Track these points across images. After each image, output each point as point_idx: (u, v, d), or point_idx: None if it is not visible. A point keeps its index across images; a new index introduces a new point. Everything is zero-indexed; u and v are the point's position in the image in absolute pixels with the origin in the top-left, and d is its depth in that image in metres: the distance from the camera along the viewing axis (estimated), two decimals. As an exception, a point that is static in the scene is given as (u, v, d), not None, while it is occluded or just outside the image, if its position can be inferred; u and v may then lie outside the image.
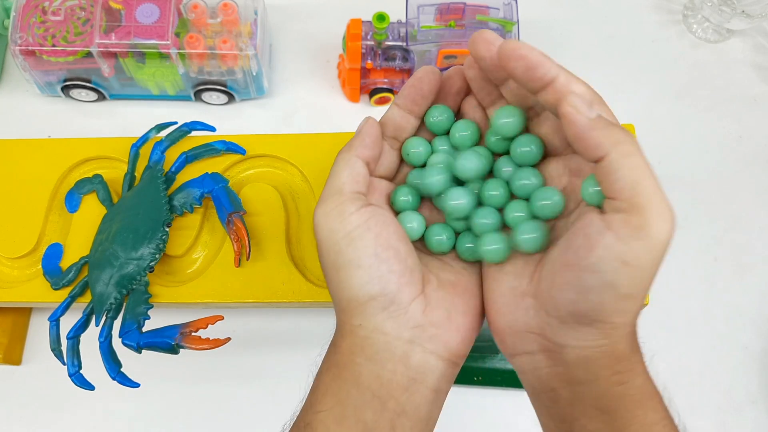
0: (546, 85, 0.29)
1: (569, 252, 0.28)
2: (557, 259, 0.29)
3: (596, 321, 0.28)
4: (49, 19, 0.59)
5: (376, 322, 0.32)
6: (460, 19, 0.62)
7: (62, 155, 0.50)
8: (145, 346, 0.42)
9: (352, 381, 0.32)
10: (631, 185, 0.26)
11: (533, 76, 0.29)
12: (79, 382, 0.45)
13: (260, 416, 0.60)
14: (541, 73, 0.29)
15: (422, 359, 0.32)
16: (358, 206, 0.32)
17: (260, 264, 0.46)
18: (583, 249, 0.27)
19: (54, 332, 0.46)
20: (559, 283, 0.29)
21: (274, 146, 0.49)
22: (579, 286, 0.28)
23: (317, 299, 0.45)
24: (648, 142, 0.44)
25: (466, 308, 0.33)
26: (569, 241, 0.28)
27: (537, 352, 0.31)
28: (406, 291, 0.32)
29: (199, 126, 0.49)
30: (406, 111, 0.35)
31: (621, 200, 0.27)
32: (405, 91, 0.35)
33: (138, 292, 0.44)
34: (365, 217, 0.32)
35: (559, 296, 0.29)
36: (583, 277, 0.27)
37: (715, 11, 0.67)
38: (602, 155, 0.27)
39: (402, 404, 0.31)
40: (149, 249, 0.44)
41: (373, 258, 0.31)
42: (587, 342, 0.29)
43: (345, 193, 0.32)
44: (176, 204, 0.46)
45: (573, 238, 0.28)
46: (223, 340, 0.41)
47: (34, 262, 0.48)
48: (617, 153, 0.27)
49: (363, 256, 0.31)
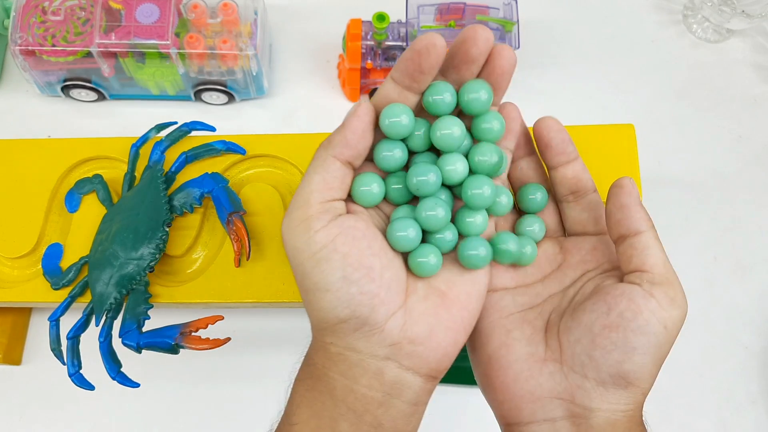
0: (571, 161, 0.34)
1: (611, 315, 0.30)
2: (595, 322, 0.31)
3: (631, 384, 0.30)
4: (49, 19, 0.59)
5: (347, 341, 0.30)
6: (460, 19, 0.62)
7: (62, 155, 0.50)
8: (145, 346, 0.42)
9: (327, 393, 0.30)
10: (662, 263, 0.31)
11: (566, 149, 0.34)
12: (79, 382, 0.45)
13: (260, 416, 0.60)
14: (571, 148, 0.34)
15: (398, 375, 0.30)
16: (325, 221, 0.29)
17: (260, 264, 0.46)
18: (629, 312, 0.30)
19: (54, 332, 0.46)
20: (602, 344, 0.30)
21: (274, 146, 0.49)
22: (626, 347, 0.30)
23: (317, 299, 0.45)
24: (648, 142, 0.45)
25: (452, 323, 0.31)
26: (608, 305, 0.31)
27: (560, 418, 0.31)
28: (381, 310, 0.30)
29: (199, 126, 0.49)
30: (403, 87, 0.31)
31: (655, 274, 0.31)
32: (402, 63, 0.30)
33: (138, 292, 0.44)
34: (333, 235, 0.29)
35: (601, 357, 0.30)
36: (630, 338, 0.30)
37: (715, 11, 0.67)
38: (640, 231, 0.31)
39: (378, 417, 0.30)
40: (149, 249, 0.44)
41: (341, 281, 0.29)
42: (619, 406, 0.31)
43: (312, 204, 0.30)
44: (176, 204, 0.46)
45: (614, 303, 0.30)
46: (223, 340, 0.41)
47: (34, 262, 0.48)
48: (651, 233, 0.31)
49: (330, 280, 0.29)
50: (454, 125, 0.31)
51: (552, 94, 0.70)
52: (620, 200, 0.32)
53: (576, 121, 0.48)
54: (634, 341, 0.30)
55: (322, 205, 0.30)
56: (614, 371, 0.30)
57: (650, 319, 0.30)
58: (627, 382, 0.30)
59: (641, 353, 0.30)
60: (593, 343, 0.30)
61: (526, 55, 0.70)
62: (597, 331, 0.30)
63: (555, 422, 0.31)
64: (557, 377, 0.31)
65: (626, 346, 0.30)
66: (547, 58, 0.71)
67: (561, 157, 0.34)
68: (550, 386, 0.31)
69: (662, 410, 0.60)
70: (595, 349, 0.30)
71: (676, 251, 0.62)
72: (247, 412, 0.59)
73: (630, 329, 0.30)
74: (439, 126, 0.31)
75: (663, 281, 0.30)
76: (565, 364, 0.31)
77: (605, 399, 0.30)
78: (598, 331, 0.30)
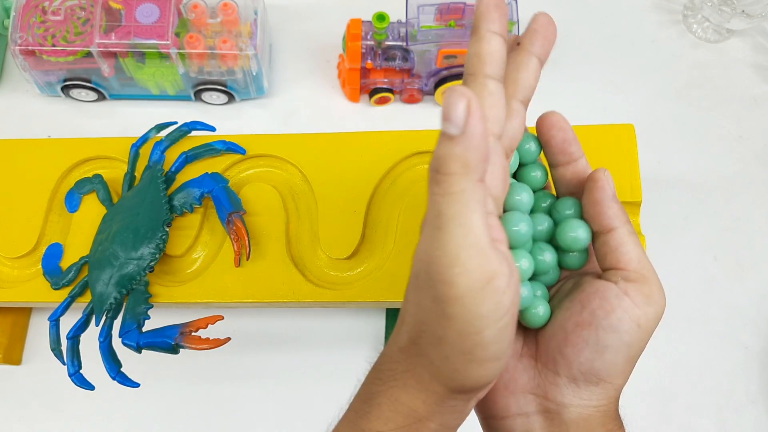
0: (572, 162, 0.33)
1: (584, 313, 0.30)
2: (568, 319, 0.30)
3: (603, 381, 0.30)
4: (49, 18, 0.59)
5: (470, 401, 0.29)
6: (460, 19, 0.62)
7: (62, 155, 0.50)
8: (145, 346, 0.42)
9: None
10: (637, 259, 0.30)
11: (567, 149, 0.32)
12: (79, 382, 0.45)
13: (260, 416, 0.60)
14: (574, 149, 0.33)
15: None
16: (506, 276, 0.25)
17: (260, 264, 0.46)
18: (601, 310, 0.30)
19: (54, 332, 0.46)
20: (574, 341, 0.30)
21: (274, 146, 0.49)
22: (597, 345, 0.30)
23: (317, 299, 0.45)
24: (648, 142, 0.45)
25: None
26: (582, 303, 0.30)
27: (534, 413, 0.31)
28: None
29: (199, 126, 0.49)
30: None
31: (630, 271, 0.30)
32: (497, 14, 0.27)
33: (138, 292, 0.44)
34: (514, 293, 0.26)
35: (573, 355, 0.30)
36: (602, 336, 0.30)
37: (715, 11, 0.67)
38: (613, 227, 0.30)
39: None
40: (149, 249, 0.44)
41: (509, 347, 0.27)
42: (591, 401, 0.31)
43: (491, 257, 0.24)
44: (176, 204, 0.46)
45: (587, 301, 0.30)
46: (223, 340, 0.41)
47: (34, 262, 0.48)
48: (625, 229, 0.30)
49: (503, 348, 0.27)
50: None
51: (552, 94, 0.70)
52: (594, 196, 0.30)
53: (576, 121, 0.47)
54: (606, 339, 0.29)
55: (497, 255, 0.25)
56: (585, 369, 0.30)
57: (623, 317, 0.29)
58: (598, 379, 0.30)
59: (613, 351, 0.30)
60: (566, 341, 0.30)
61: (526, 55, 0.70)
62: (570, 328, 0.30)
63: (528, 417, 0.31)
64: (531, 372, 0.32)
65: (598, 344, 0.30)
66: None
67: (560, 157, 0.33)
68: (524, 381, 0.32)
69: (662, 410, 0.60)
70: (567, 346, 0.30)
71: (676, 251, 0.63)
72: (247, 412, 0.59)
73: (602, 327, 0.29)
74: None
75: (638, 278, 0.30)
76: (539, 360, 0.32)
77: (577, 395, 0.31)
78: (571, 329, 0.30)
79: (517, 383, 0.32)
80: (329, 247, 0.46)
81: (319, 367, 0.61)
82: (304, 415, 0.61)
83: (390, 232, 0.46)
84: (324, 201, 0.47)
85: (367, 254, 0.46)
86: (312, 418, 0.61)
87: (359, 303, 0.45)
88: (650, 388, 0.61)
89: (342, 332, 0.63)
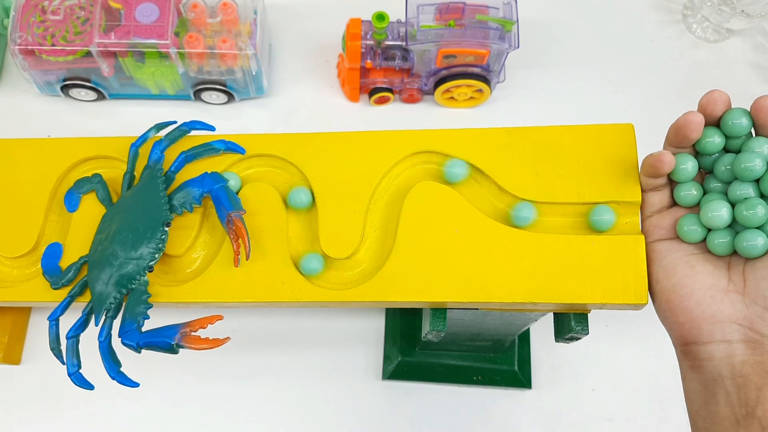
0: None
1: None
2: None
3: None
4: (48, 18, 0.59)
5: None
6: (460, 19, 0.62)
7: (62, 155, 0.50)
8: (145, 346, 0.42)
9: None
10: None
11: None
12: (78, 381, 0.45)
13: (260, 416, 0.60)
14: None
15: None
16: None
17: (260, 264, 0.46)
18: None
19: (53, 332, 0.46)
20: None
21: (274, 146, 0.49)
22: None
23: (317, 299, 0.45)
24: (648, 142, 0.44)
25: None
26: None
27: (737, 341, 0.36)
28: None
29: (198, 125, 0.49)
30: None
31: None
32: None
33: (137, 292, 0.44)
34: None
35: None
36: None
37: (715, 11, 0.67)
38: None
39: None
40: (148, 249, 0.44)
41: None
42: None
43: None
44: (176, 203, 0.46)
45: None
46: (222, 339, 0.41)
47: (33, 262, 0.48)
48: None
49: None
50: None
51: (552, 93, 0.70)
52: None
53: (575, 120, 0.48)
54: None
55: None
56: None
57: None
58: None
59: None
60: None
61: (526, 55, 0.70)
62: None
63: (731, 344, 0.36)
64: (738, 306, 0.36)
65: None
66: (546, 57, 0.71)
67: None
68: (731, 312, 0.36)
69: (662, 410, 0.60)
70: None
71: (675, 251, 0.62)
72: (247, 412, 0.59)
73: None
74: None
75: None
76: (747, 296, 0.36)
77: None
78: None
79: (723, 313, 0.36)
80: (329, 247, 0.46)
81: (319, 367, 0.62)
82: (304, 415, 0.61)
83: (390, 232, 0.46)
84: (324, 201, 0.47)
85: (367, 254, 0.46)
86: (312, 418, 0.61)
87: (359, 303, 0.45)
88: (650, 387, 0.61)
89: (342, 332, 0.63)
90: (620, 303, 0.41)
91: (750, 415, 0.34)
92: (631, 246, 0.42)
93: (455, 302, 0.43)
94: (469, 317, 0.48)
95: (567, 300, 0.42)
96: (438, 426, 0.61)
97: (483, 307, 0.44)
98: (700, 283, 0.38)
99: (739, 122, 0.39)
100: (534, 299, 0.42)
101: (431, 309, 0.46)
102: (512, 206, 0.45)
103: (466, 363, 0.63)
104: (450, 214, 0.44)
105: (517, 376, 0.62)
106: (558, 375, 0.63)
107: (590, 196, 0.44)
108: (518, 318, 0.49)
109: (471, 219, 0.44)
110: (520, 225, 0.44)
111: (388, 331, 0.64)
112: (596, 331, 0.64)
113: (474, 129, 0.46)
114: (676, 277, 0.39)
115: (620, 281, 0.41)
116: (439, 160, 0.47)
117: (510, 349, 0.63)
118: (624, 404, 0.62)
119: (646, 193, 0.42)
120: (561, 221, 0.45)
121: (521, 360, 0.63)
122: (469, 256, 0.43)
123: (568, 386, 0.62)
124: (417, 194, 0.45)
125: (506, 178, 0.45)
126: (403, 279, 0.44)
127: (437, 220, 0.44)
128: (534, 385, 0.62)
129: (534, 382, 0.62)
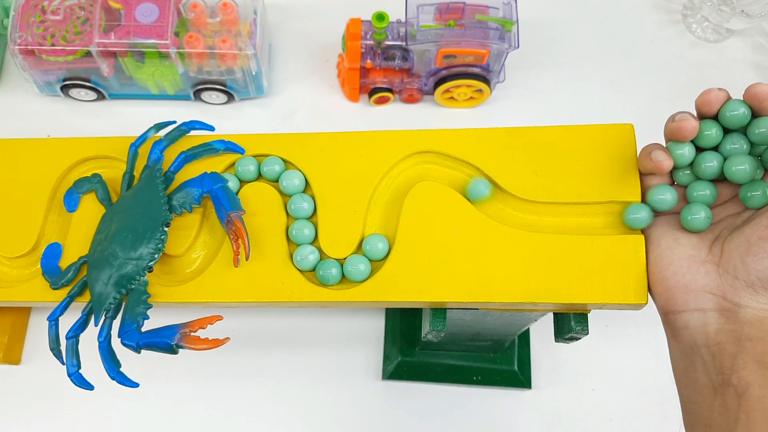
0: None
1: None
2: (752, 234, 0.36)
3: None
4: (48, 18, 0.59)
5: None
6: (460, 19, 0.62)
7: (61, 155, 0.50)
8: (145, 346, 0.42)
9: None
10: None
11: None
12: (78, 381, 0.45)
13: (260, 416, 0.60)
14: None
15: None
16: None
17: (260, 264, 0.46)
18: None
19: (53, 332, 0.46)
20: (755, 251, 0.35)
21: (274, 146, 0.49)
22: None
23: (317, 299, 0.45)
24: (647, 142, 0.45)
25: None
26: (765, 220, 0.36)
27: (711, 310, 0.37)
28: None
29: (198, 125, 0.49)
30: None
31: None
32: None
33: (137, 292, 0.44)
34: None
35: (752, 263, 0.36)
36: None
37: (715, 11, 0.67)
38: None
39: None
40: (148, 249, 0.44)
41: None
42: (766, 305, 0.36)
43: None
44: (175, 204, 0.46)
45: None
46: (222, 340, 0.41)
47: (33, 262, 0.48)
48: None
49: None
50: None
51: (551, 93, 0.70)
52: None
53: (575, 120, 0.48)
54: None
55: None
56: (762, 276, 0.35)
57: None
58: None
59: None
60: (748, 251, 0.36)
61: (526, 55, 0.70)
62: (753, 240, 0.35)
63: (705, 312, 0.37)
64: (712, 276, 0.37)
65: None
66: (546, 57, 0.71)
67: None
68: (704, 282, 0.37)
69: (662, 410, 0.60)
70: (748, 255, 0.36)
71: (675, 251, 0.62)
72: (247, 412, 0.59)
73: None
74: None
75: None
76: (721, 266, 0.37)
77: (753, 299, 0.36)
78: (755, 241, 0.35)
79: (697, 283, 0.37)
80: (329, 247, 0.46)
81: (319, 367, 0.62)
82: (304, 415, 0.61)
83: (390, 232, 0.46)
84: (324, 201, 0.47)
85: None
86: (312, 418, 0.62)
87: (359, 303, 0.45)
88: (650, 387, 0.61)
89: (342, 332, 0.63)
90: (620, 303, 0.41)
91: (726, 383, 0.35)
92: (631, 246, 0.42)
93: (455, 302, 0.43)
94: (469, 317, 0.48)
95: (567, 300, 0.42)
96: (438, 426, 0.61)
97: (483, 307, 0.44)
98: (680, 254, 0.39)
99: (736, 113, 0.38)
100: (534, 299, 0.42)
101: (431, 309, 0.46)
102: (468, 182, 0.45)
103: (466, 363, 0.63)
104: (450, 214, 0.44)
105: (516, 376, 0.62)
106: (558, 375, 0.63)
107: (590, 196, 0.44)
108: (518, 318, 0.49)
109: (471, 219, 0.44)
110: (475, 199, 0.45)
111: (388, 331, 0.64)
112: (596, 331, 0.64)
113: (474, 129, 0.46)
114: (660, 249, 0.40)
115: (620, 281, 0.41)
116: (439, 160, 0.47)
117: (510, 349, 0.63)
118: (624, 404, 0.62)
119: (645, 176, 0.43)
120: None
121: (521, 360, 0.63)
122: (469, 256, 0.43)
123: (568, 386, 0.62)
124: (417, 194, 0.45)
125: (506, 178, 0.45)
126: (403, 279, 0.44)
127: (437, 220, 0.44)
128: (534, 385, 0.62)
129: (534, 382, 0.62)
